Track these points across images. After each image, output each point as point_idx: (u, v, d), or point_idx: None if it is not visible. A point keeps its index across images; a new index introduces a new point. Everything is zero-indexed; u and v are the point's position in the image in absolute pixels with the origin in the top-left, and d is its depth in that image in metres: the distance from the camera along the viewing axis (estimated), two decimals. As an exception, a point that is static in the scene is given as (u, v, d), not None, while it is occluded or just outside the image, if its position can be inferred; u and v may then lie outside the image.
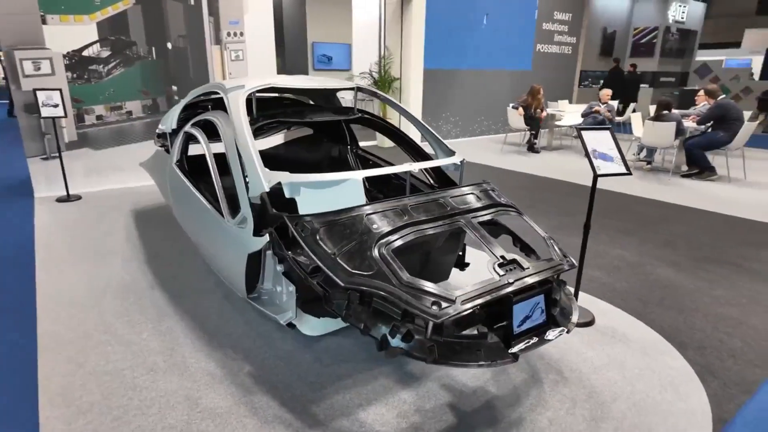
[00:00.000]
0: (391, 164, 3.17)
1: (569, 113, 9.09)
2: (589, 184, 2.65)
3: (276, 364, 2.36)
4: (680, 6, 15.55)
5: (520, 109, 8.35)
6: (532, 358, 2.40)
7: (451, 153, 2.83)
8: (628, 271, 3.50)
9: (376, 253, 1.84)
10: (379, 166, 3.59)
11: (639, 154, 7.53)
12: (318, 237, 1.95)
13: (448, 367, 1.99)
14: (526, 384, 2.22)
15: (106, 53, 5.40)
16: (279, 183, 2.14)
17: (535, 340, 1.81)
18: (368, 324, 1.80)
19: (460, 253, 2.84)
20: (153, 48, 5.67)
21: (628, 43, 16.09)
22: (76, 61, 5.25)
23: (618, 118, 8.89)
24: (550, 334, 1.84)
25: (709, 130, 6.59)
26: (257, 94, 2.80)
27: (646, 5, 15.53)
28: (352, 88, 3.19)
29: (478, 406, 2.08)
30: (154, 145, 4.29)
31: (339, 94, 3.92)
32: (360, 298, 1.83)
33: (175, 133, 3.35)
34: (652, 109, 8.83)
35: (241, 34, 6.15)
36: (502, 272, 1.85)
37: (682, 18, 15.78)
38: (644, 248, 3.93)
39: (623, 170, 2.48)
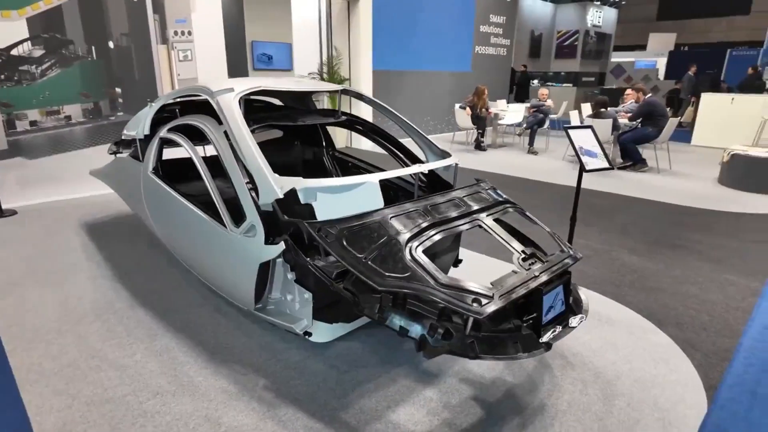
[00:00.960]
0: (381, 169, 3.21)
1: (511, 112, 9.55)
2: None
3: (290, 375, 2.30)
4: (597, 11, 16.85)
5: (468, 109, 8.65)
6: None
7: (445, 154, 2.90)
8: (596, 258, 3.77)
9: (408, 255, 1.86)
10: (363, 167, 3.59)
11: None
12: (344, 242, 1.93)
13: (489, 360, 2.03)
14: (537, 371, 2.34)
15: (38, 52, 4.91)
16: (293, 189, 2.09)
17: (560, 328, 1.92)
18: (404, 326, 1.81)
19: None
20: (93, 47, 5.24)
21: (553, 46, 17.20)
22: (4, 61, 4.73)
23: (552, 116, 9.48)
24: (573, 321, 1.96)
25: (639, 125, 7.23)
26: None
27: (568, 10, 16.67)
28: (336, 91, 3.16)
29: (500, 396, 2.16)
30: (108, 153, 3.99)
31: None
32: (393, 300, 1.85)
33: (147, 139, 3.13)
34: (585, 107, 9.52)
35: (189, 33, 5.85)
36: (527, 266, 1.95)
37: (599, 22, 17.11)
38: (605, 237, 4.25)
39: (606, 165, 2.69)
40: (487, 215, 2.22)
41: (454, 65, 11.05)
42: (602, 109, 7.07)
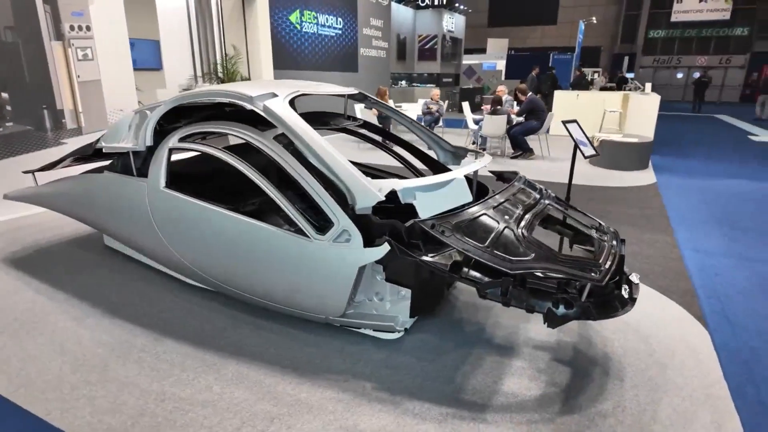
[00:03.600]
0: (375, 168, 3.38)
1: (407, 111, 10.16)
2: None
3: (387, 372, 2.33)
4: (450, 18, 18.62)
5: (374, 109, 8.96)
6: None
7: (459, 150, 3.16)
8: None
9: (524, 239, 2.08)
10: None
11: (475, 143, 9.01)
12: (462, 235, 2.07)
13: (603, 319, 2.23)
14: (582, 329, 2.76)
15: None
16: (393, 190, 2.14)
17: (628, 287, 2.34)
18: (530, 302, 2.04)
19: None
20: (-32, 43, 4.22)
21: (415, 49, 18.51)
22: None
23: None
24: (634, 278, 2.39)
25: (524, 120, 8.38)
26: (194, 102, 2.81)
27: (426, 15, 18.10)
28: (343, 95, 3.21)
29: (572, 354, 2.52)
30: (24, 173, 3.37)
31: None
32: (513, 282, 2.05)
33: (149, 151, 2.74)
34: (465, 106, 10.59)
35: (88, 28, 5.06)
36: (603, 238, 2.32)
37: (452, 28, 18.93)
38: (547, 215, 4.96)
39: (594, 152, 3.23)
40: (549, 201, 2.55)
41: (342, 67, 11.26)
42: (498, 107, 8.02)
